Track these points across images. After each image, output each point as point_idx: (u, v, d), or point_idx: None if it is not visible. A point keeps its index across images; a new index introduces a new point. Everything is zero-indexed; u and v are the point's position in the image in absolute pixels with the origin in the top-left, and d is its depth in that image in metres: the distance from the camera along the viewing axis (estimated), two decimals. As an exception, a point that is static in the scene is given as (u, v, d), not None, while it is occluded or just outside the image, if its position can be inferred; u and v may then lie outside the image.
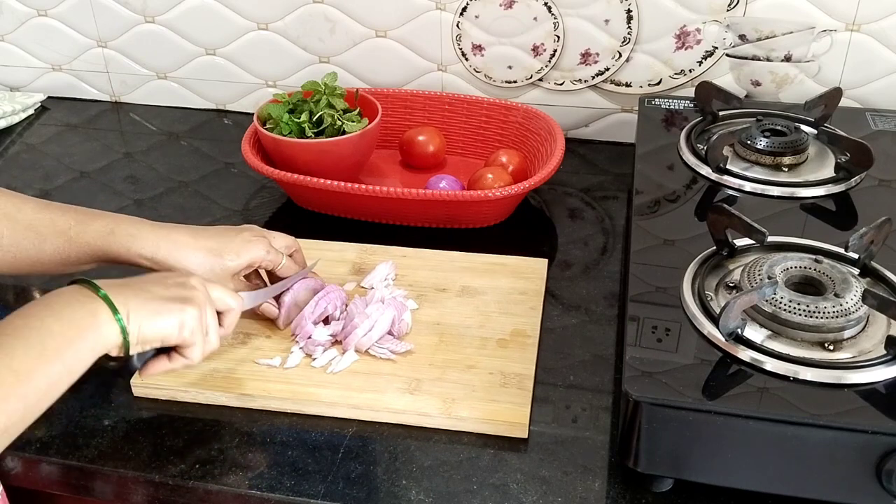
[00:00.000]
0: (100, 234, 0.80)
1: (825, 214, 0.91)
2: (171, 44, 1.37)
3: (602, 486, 0.73)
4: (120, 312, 0.68)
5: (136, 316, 0.69)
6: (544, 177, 1.03)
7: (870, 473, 0.64)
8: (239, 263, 0.83)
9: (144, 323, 0.69)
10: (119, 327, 0.68)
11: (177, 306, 0.71)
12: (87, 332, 0.66)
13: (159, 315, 0.70)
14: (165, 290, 0.72)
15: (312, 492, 0.73)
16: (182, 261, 0.80)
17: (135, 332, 0.69)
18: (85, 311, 0.66)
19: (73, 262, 0.81)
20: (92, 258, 0.81)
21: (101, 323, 0.67)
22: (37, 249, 0.80)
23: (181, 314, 0.71)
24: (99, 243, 0.80)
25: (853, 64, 1.14)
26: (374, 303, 0.87)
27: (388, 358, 0.84)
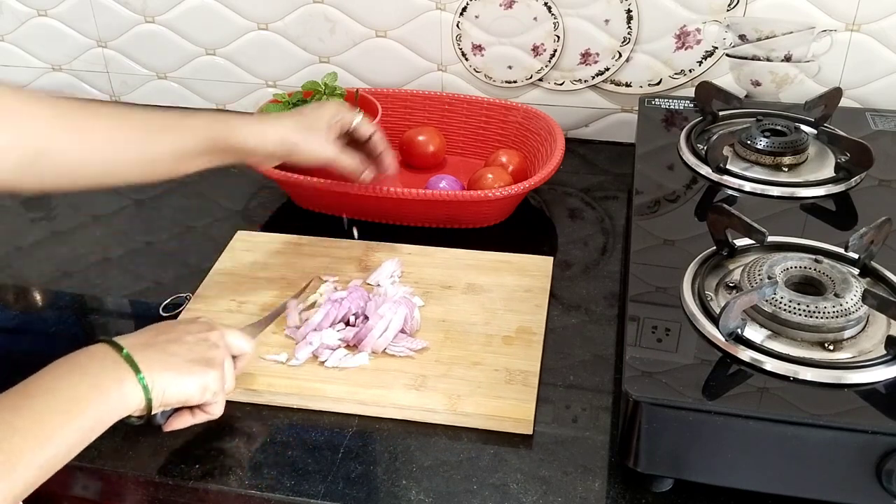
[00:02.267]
0: (207, 120, 0.85)
1: (825, 214, 0.91)
2: (171, 44, 1.37)
3: (602, 486, 0.73)
4: (144, 378, 0.68)
5: (160, 380, 0.69)
6: (544, 177, 1.03)
7: (870, 473, 0.64)
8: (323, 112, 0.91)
9: (168, 387, 0.70)
10: (143, 393, 0.68)
11: (199, 369, 0.72)
12: (111, 397, 0.66)
13: (182, 379, 0.71)
14: (188, 351, 0.72)
15: (312, 492, 0.73)
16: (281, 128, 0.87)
17: (158, 396, 0.69)
18: (110, 376, 0.67)
19: (189, 152, 0.83)
20: (204, 146, 0.83)
21: (126, 387, 0.67)
22: (154, 142, 0.81)
23: (204, 377, 0.72)
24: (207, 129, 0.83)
25: (853, 64, 1.14)
26: (385, 302, 0.87)
27: (407, 355, 0.84)
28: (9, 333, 0.95)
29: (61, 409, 0.62)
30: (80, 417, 0.63)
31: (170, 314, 0.94)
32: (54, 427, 0.61)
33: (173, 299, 0.96)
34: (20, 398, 0.62)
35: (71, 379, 0.65)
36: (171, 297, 0.96)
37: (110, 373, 0.67)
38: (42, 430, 0.60)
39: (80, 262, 1.05)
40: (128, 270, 1.03)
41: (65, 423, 0.62)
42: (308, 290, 0.94)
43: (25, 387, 0.63)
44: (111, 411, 0.66)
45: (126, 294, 1.00)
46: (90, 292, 1.00)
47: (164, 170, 0.83)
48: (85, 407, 0.64)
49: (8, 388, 0.61)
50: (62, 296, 1.00)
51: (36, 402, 0.62)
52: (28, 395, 0.62)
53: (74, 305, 0.99)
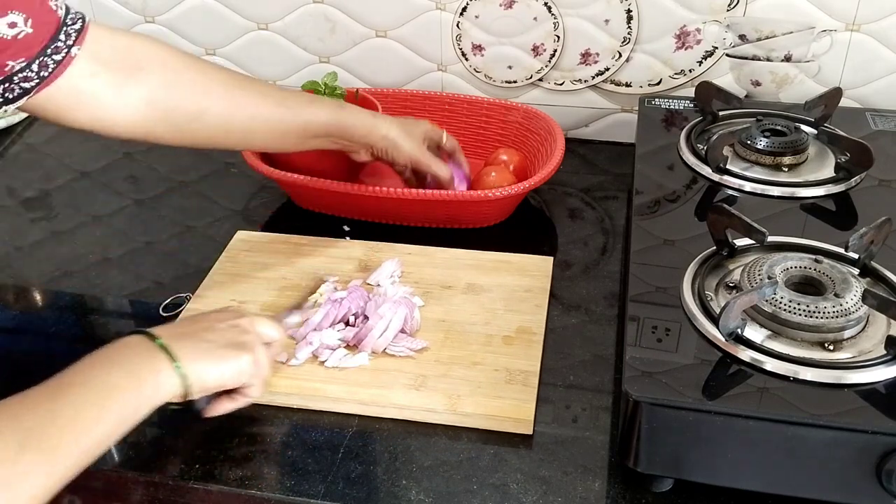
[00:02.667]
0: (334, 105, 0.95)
1: (825, 214, 0.91)
2: (171, 44, 1.37)
3: (602, 486, 0.73)
4: (181, 366, 0.69)
5: (195, 367, 0.70)
6: (544, 177, 1.03)
7: (870, 473, 0.64)
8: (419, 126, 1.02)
9: (204, 374, 0.71)
10: (179, 381, 0.69)
11: (233, 354, 0.73)
12: (147, 386, 0.67)
13: (217, 365, 0.72)
14: (220, 337, 0.74)
15: (312, 492, 0.73)
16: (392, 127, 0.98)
17: (195, 383, 0.70)
18: (146, 366, 0.68)
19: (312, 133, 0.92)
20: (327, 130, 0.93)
21: (162, 377, 0.68)
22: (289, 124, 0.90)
23: (238, 362, 0.73)
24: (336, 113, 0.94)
25: (853, 64, 1.14)
26: (385, 302, 0.87)
27: (407, 355, 0.84)
28: (9, 333, 0.95)
29: (97, 399, 0.63)
30: (117, 406, 0.64)
31: (170, 314, 0.94)
32: (92, 415, 0.62)
33: (173, 299, 0.96)
34: (57, 389, 0.63)
35: (109, 369, 0.66)
36: (171, 297, 0.96)
37: (145, 362, 0.68)
38: (80, 420, 0.61)
39: (80, 262, 1.05)
40: (128, 270, 1.03)
41: (101, 413, 0.63)
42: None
43: (62, 378, 0.64)
44: (147, 400, 0.67)
45: (126, 294, 1.00)
46: (90, 292, 1.00)
47: (292, 143, 0.93)
48: (122, 396, 0.65)
49: (8, 388, 0.61)
50: (62, 296, 1.00)
51: (73, 392, 0.63)
52: (65, 386, 0.63)
53: (74, 305, 0.99)
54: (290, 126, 0.90)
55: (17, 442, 0.57)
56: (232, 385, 0.74)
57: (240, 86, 0.87)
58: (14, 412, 0.59)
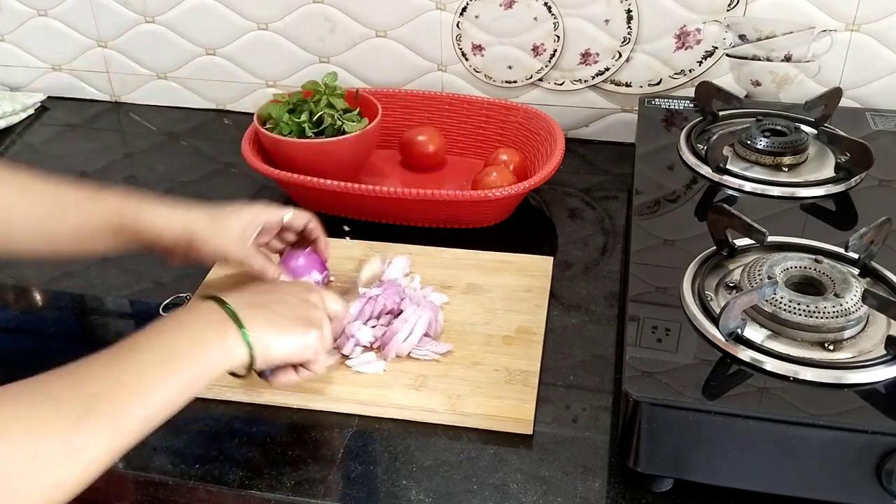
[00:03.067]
0: (115, 203, 0.82)
1: (825, 214, 0.91)
2: (171, 44, 1.37)
3: (602, 486, 0.73)
4: (248, 334, 0.69)
5: (263, 337, 0.70)
6: (544, 177, 1.03)
7: (870, 473, 0.64)
8: (240, 217, 0.86)
9: (271, 345, 0.71)
10: (246, 349, 0.69)
11: (301, 329, 0.73)
12: (214, 352, 0.67)
13: (285, 337, 0.72)
14: (290, 310, 0.74)
15: (312, 492, 0.73)
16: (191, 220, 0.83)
17: (261, 352, 0.70)
18: (214, 332, 0.68)
19: (89, 235, 0.81)
20: (109, 229, 0.81)
21: (230, 343, 0.68)
22: (57, 221, 0.81)
23: (305, 337, 0.73)
24: (116, 212, 0.82)
25: (853, 64, 1.14)
26: (409, 306, 0.87)
27: (433, 359, 0.84)
28: (9, 333, 0.95)
29: (163, 362, 0.63)
30: (182, 371, 0.64)
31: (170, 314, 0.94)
32: (156, 380, 0.62)
33: (173, 299, 0.96)
34: (126, 351, 0.63)
35: (174, 334, 0.66)
36: (171, 297, 0.96)
37: (214, 328, 0.68)
38: (143, 384, 0.61)
39: (80, 262, 1.05)
40: (128, 270, 1.03)
41: (166, 377, 0.63)
42: None
43: (129, 343, 0.64)
44: (213, 366, 0.67)
45: (126, 294, 1.00)
46: (90, 292, 1.00)
47: (68, 247, 0.82)
48: (186, 361, 0.65)
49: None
50: (62, 296, 1.00)
51: (139, 355, 0.63)
52: (133, 349, 0.63)
53: (74, 305, 0.99)
54: (58, 228, 0.80)
55: (80, 409, 0.57)
56: (297, 360, 0.74)
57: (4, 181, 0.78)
58: (78, 377, 0.59)
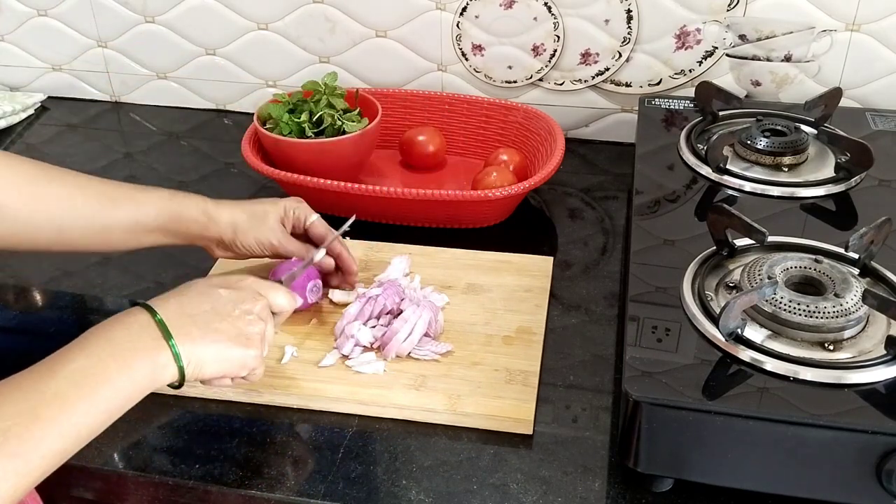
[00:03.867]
0: (162, 196, 0.86)
1: (825, 214, 0.91)
2: (171, 44, 1.37)
3: (602, 486, 0.73)
4: (180, 350, 0.66)
5: (198, 358, 0.68)
6: (544, 177, 1.03)
7: (870, 473, 0.64)
8: (276, 209, 0.90)
9: (205, 364, 0.69)
10: (177, 365, 0.67)
11: (240, 349, 0.70)
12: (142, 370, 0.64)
13: (221, 358, 0.70)
14: (231, 326, 0.70)
15: (312, 492, 0.73)
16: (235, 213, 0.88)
17: (194, 371, 0.68)
18: (143, 349, 0.65)
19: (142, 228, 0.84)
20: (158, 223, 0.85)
21: (159, 360, 0.66)
22: (108, 214, 0.83)
23: (243, 357, 0.71)
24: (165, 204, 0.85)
25: (853, 64, 1.14)
26: (409, 306, 0.87)
27: (433, 359, 0.84)
28: (9, 333, 0.95)
29: (86, 392, 0.61)
30: (106, 399, 0.62)
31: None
32: (76, 413, 0.60)
33: (173, 299, 0.96)
34: (46, 374, 0.60)
35: (100, 355, 0.63)
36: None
37: (144, 346, 0.65)
38: (61, 414, 0.59)
39: (80, 262, 1.05)
40: (128, 270, 1.03)
41: (89, 408, 0.61)
42: None
43: (53, 363, 0.62)
44: (140, 388, 0.65)
45: (126, 294, 1.00)
46: (90, 292, 1.00)
47: (119, 241, 0.84)
48: (112, 388, 0.62)
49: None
50: (62, 296, 1.00)
51: (58, 379, 0.60)
52: (52, 371, 0.61)
53: (74, 305, 0.99)
54: (110, 221, 0.82)
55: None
56: (230, 376, 0.72)
57: (49, 178, 0.80)
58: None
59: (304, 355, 0.85)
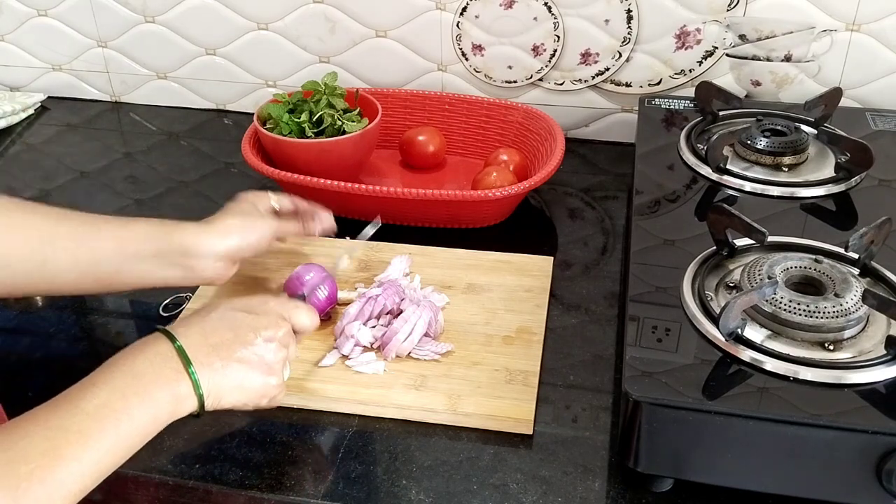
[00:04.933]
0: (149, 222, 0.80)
1: (825, 214, 0.91)
2: (171, 44, 1.37)
3: (602, 486, 0.73)
4: (201, 382, 0.66)
5: (218, 389, 0.67)
6: (544, 177, 1.03)
7: (870, 473, 0.64)
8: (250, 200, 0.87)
9: (225, 395, 0.68)
10: (198, 397, 0.66)
11: (261, 378, 0.70)
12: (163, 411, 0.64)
13: (241, 388, 0.69)
14: (253, 354, 0.69)
15: (312, 492, 0.73)
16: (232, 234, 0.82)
17: (213, 402, 0.68)
18: (168, 388, 0.64)
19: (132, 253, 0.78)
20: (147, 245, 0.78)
21: (181, 393, 0.65)
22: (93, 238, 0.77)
23: (264, 386, 0.70)
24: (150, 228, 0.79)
25: (853, 64, 1.14)
26: (409, 306, 0.87)
27: (433, 359, 0.84)
28: (9, 333, 0.95)
29: (109, 430, 0.60)
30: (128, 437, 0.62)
31: (170, 314, 0.94)
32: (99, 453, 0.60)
33: (173, 299, 0.96)
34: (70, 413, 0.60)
35: (123, 390, 0.62)
36: (171, 297, 0.96)
37: (165, 378, 0.64)
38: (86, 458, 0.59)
39: (80, 262, 1.05)
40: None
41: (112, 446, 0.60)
42: None
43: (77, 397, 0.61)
44: (160, 422, 0.65)
45: (126, 294, 1.00)
46: (90, 292, 1.00)
47: (107, 274, 0.77)
48: (133, 425, 0.62)
49: (8, 388, 0.61)
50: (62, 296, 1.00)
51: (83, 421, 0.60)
52: (77, 412, 0.60)
53: (74, 305, 0.98)
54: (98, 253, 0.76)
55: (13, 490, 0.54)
56: (249, 407, 0.72)
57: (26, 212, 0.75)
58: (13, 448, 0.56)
59: (304, 355, 0.85)
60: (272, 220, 0.87)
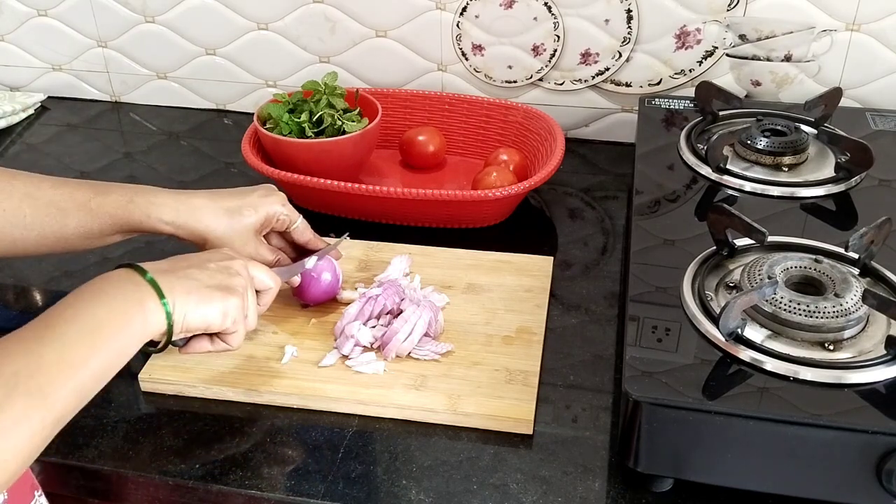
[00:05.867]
0: (119, 203, 0.83)
1: (825, 214, 0.91)
2: (171, 44, 1.37)
3: (602, 486, 0.73)
4: (167, 300, 0.69)
5: (182, 304, 0.70)
6: (544, 177, 1.03)
7: (870, 473, 0.64)
8: (257, 218, 0.86)
9: (189, 312, 0.70)
10: (165, 315, 0.69)
11: (220, 295, 0.72)
12: (135, 321, 0.67)
13: (204, 304, 0.71)
14: (210, 277, 0.73)
15: (312, 492, 0.73)
16: (203, 222, 0.84)
17: (179, 320, 0.70)
18: (133, 300, 0.67)
19: (97, 234, 0.83)
20: (114, 229, 0.83)
21: (148, 311, 0.68)
22: (60, 225, 0.82)
23: (224, 303, 0.73)
24: (119, 212, 0.83)
25: (853, 64, 1.14)
26: (409, 306, 0.87)
27: (433, 359, 0.84)
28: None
29: (85, 338, 0.63)
30: (105, 345, 0.64)
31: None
32: (80, 356, 0.62)
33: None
34: (43, 330, 0.62)
35: (92, 307, 0.65)
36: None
37: (133, 298, 0.67)
38: (67, 360, 0.61)
39: (80, 262, 1.05)
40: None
41: (90, 352, 0.62)
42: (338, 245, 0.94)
43: (48, 317, 0.63)
44: (134, 336, 0.67)
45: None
46: (90, 292, 1.00)
47: (78, 246, 0.84)
48: (108, 333, 0.64)
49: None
50: (62, 296, 0.99)
51: (58, 331, 0.62)
52: (50, 326, 0.62)
53: (74, 305, 0.98)
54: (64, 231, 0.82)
55: (4, 388, 0.56)
56: (216, 328, 0.74)
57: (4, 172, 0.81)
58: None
59: (304, 355, 0.86)
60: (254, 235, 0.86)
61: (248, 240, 0.86)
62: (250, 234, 0.86)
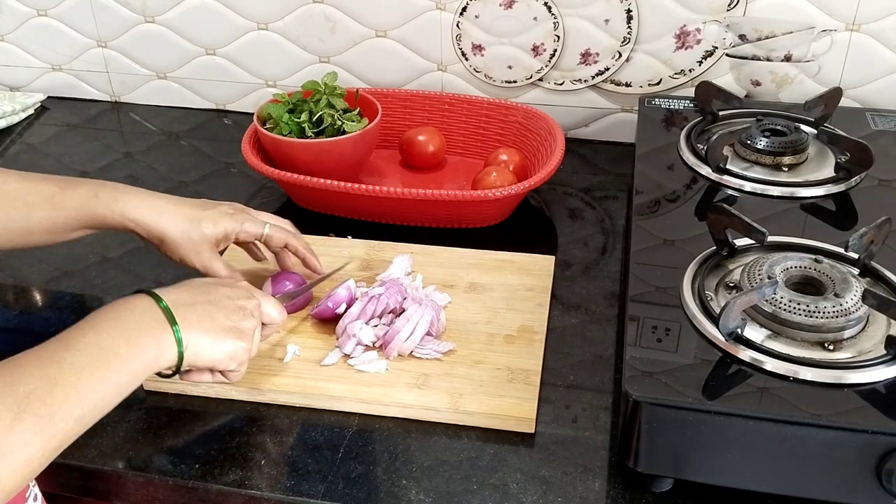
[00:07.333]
0: (84, 198, 0.83)
1: (825, 214, 0.91)
2: (171, 44, 1.37)
3: (602, 486, 0.73)
4: (181, 335, 0.70)
5: (194, 344, 0.71)
6: (544, 176, 1.03)
7: (870, 473, 0.64)
8: (214, 231, 0.86)
9: (200, 351, 0.72)
10: (177, 354, 0.70)
11: (231, 338, 0.74)
12: (147, 353, 0.67)
13: (215, 344, 0.73)
14: (226, 317, 0.74)
15: (312, 492, 0.73)
16: (160, 223, 0.84)
17: (190, 358, 0.71)
18: (150, 336, 0.68)
19: (61, 228, 0.83)
20: (79, 223, 0.83)
21: (163, 348, 0.69)
22: (24, 218, 0.82)
23: (234, 347, 0.74)
24: (84, 207, 0.82)
25: (853, 64, 1.14)
26: (411, 305, 0.87)
27: (435, 358, 0.84)
28: (9, 333, 0.95)
29: (98, 365, 0.63)
30: (118, 373, 0.64)
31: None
32: (91, 380, 0.62)
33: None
34: (57, 352, 0.63)
35: (110, 332, 0.66)
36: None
37: (149, 328, 0.68)
38: (79, 383, 0.61)
39: (80, 262, 1.05)
40: (128, 270, 1.03)
41: (102, 379, 0.63)
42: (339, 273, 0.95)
43: (62, 340, 0.64)
44: (147, 367, 0.68)
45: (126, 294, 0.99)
46: (90, 292, 1.00)
47: (43, 240, 0.84)
48: (122, 361, 0.65)
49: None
50: (62, 296, 1.00)
51: (74, 354, 0.63)
52: (67, 347, 0.63)
53: (74, 305, 0.99)
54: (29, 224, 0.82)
55: (14, 407, 0.57)
56: (221, 368, 0.75)
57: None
58: (11, 376, 0.59)
59: (306, 354, 0.86)
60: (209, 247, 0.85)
61: (202, 250, 0.85)
62: (204, 244, 0.85)
